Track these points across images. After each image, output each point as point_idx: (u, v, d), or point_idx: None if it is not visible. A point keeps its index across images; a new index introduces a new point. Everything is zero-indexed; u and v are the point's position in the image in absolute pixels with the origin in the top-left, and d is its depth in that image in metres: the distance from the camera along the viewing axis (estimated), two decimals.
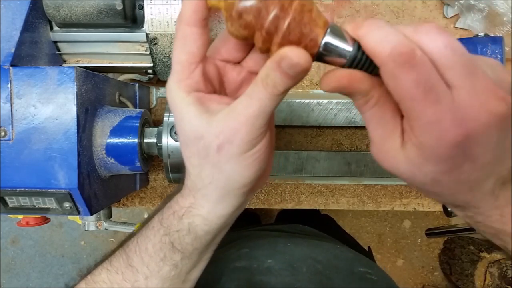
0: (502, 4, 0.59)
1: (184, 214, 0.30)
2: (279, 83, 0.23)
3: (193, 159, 0.28)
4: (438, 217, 1.69)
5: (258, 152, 0.26)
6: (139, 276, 0.32)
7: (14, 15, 0.44)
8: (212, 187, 0.28)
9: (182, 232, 0.30)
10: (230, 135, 0.25)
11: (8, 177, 0.41)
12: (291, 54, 0.22)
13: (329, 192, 0.67)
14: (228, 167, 0.26)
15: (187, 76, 0.26)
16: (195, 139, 0.26)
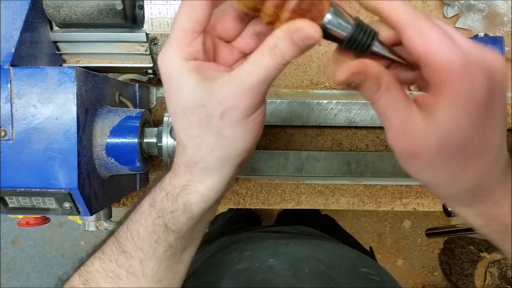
0: (502, 4, 0.59)
1: (179, 193, 0.30)
2: (288, 53, 0.24)
3: (192, 129, 0.27)
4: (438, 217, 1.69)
5: (258, 116, 0.27)
6: (133, 260, 0.32)
7: (14, 15, 0.44)
8: (212, 157, 0.27)
9: (176, 212, 0.30)
10: (235, 101, 0.25)
11: (8, 177, 0.41)
12: (306, 27, 0.23)
13: (329, 192, 0.67)
14: (231, 132, 0.26)
15: (188, 44, 0.26)
16: (196, 107, 0.26)
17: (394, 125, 0.25)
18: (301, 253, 0.46)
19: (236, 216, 1.28)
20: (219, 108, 0.25)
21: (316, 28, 0.23)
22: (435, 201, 0.68)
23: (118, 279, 0.33)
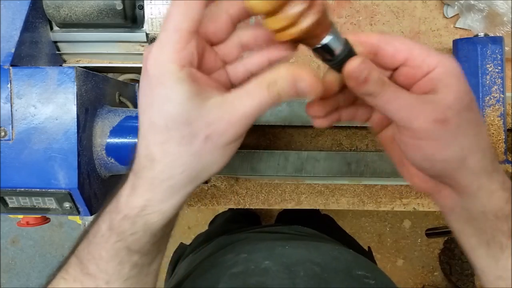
0: (502, 4, 0.59)
1: (138, 214, 0.28)
2: (284, 94, 0.24)
3: (170, 145, 0.25)
4: (438, 217, 1.69)
5: (237, 146, 0.27)
6: (99, 281, 0.30)
7: (14, 15, 0.44)
8: (181, 177, 0.26)
9: (137, 234, 0.28)
10: (223, 128, 0.25)
11: (8, 177, 0.41)
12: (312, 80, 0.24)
13: (329, 192, 0.67)
14: (209, 157, 0.26)
15: (184, 47, 0.24)
16: (182, 123, 0.24)
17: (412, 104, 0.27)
18: (296, 255, 0.46)
19: (235, 215, 1.28)
20: (205, 131, 0.24)
21: (319, 86, 0.25)
22: None
23: None
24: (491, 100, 0.57)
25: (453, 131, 0.27)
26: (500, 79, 0.57)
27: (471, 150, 0.28)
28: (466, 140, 0.28)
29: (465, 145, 0.28)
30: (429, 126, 0.27)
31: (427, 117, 0.26)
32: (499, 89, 0.57)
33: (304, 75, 0.24)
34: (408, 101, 0.27)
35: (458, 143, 0.28)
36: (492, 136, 0.57)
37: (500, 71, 0.57)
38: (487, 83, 0.57)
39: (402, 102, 0.27)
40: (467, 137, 0.28)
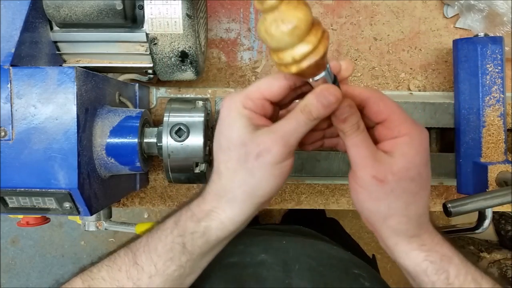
0: (502, 4, 0.59)
1: (204, 217, 0.33)
2: (315, 110, 0.30)
3: (231, 163, 0.31)
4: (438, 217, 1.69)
5: (285, 167, 0.31)
6: (143, 275, 0.34)
7: (14, 15, 0.44)
8: (240, 191, 0.32)
9: (196, 234, 0.33)
10: (269, 145, 0.30)
11: (8, 177, 0.41)
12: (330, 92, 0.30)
13: (329, 192, 0.67)
14: (260, 173, 0.31)
15: (253, 100, 0.32)
16: (240, 145, 0.31)
17: (367, 155, 0.31)
18: (293, 250, 0.47)
19: None
20: (256, 149, 0.30)
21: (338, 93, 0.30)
22: (435, 201, 0.68)
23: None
24: (491, 100, 0.57)
25: (386, 192, 0.31)
26: (500, 79, 0.57)
27: (396, 213, 0.32)
28: (394, 204, 0.32)
29: (392, 207, 0.32)
30: (368, 179, 0.31)
31: (370, 171, 0.31)
32: (499, 89, 0.57)
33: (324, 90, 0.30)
34: (365, 153, 0.31)
35: (386, 203, 0.32)
36: (492, 136, 0.57)
37: (500, 71, 0.57)
38: (487, 83, 0.57)
39: (361, 151, 0.31)
40: (397, 202, 0.32)
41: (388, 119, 0.32)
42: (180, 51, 0.51)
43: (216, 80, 0.67)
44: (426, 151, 0.32)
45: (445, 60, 0.67)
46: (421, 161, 0.31)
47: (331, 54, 0.67)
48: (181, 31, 0.49)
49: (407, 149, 0.31)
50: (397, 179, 0.31)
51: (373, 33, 0.67)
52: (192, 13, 0.49)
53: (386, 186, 0.31)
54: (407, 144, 0.31)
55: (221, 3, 0.67)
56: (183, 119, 0.50)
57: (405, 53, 0.67)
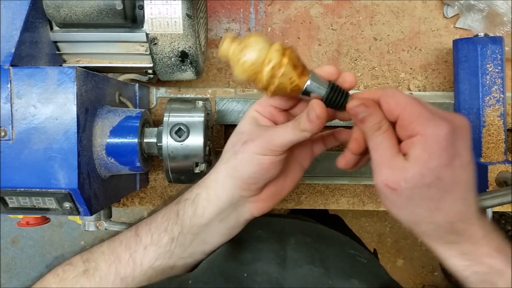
0: (502, 4, 0.59)
1: (196, 185, 0.38)
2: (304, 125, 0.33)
3: (228, 145, 0.37)
4: None
5: (263, 160, 0.34)
6: (140, 246, 0.37)
7: (14, 15, 0.44)
8: (224, 167, 0.36)
9: (188, 201, 0.37)
10: (255, 137, 0.34)
11: (8, 177, 0.41)
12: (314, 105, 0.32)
13: (329, 192, 0.67)
14: (241, 157, 0.35)
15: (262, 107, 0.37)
16: (238, 133, 0.36)
17: (381, 161, 0.31)
18: (289, 227, 0.47)
19: None
20: (246, 137, 0.35)
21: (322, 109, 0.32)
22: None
23: (118, 262, 0.36)
24: (491, 100, 0.57)
25: (403, 201, 0.30)
26: (500, 79, 0.57)
27: (422, 220, 0.31)
28: (416, 211, 0.31)
29: (415, 214, 0.31)
30: (381, 187, 0.31)
31: (382, 179, 0.30)
32: (499, 89, 0.57)
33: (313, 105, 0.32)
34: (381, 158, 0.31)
35: (408, 210, 0.31)
36: (492, 136, 0.57)
37: (500, 71, 0.57)
38: (487, 83, 0.57)
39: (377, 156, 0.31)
40: (418, 210, 0.30)
41: (400, 116, 0.30)
42: (180, 51, 0.51)
43: (216, 80, 0.67)
44: (446, 150, 0.28)
45: (445, 60, 0.67)
46: (438, 164, 0.28)
47: (331, 54, 0.67)
48: (181, 31, 0.49)
49: (420, 151, 0.29)
50: (411, 186, 0.29)
51: (373, 33, 0.67)
52: (192, 13, 0.49)
53: (401, 195, 0.29)
54: (420, 145, 0.29)
55: (221, 3, 0.67)
56: (183, 119, 0.50)
57: (405, 53, 0.67)
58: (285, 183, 0.39)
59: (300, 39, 0.67)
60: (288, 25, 0.67)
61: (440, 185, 0.29)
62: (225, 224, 0.38)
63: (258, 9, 0.67)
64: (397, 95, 0.31)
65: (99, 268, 0.37)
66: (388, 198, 0.31)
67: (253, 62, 0.31)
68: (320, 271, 0.37)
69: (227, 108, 0.61)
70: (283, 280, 0.36)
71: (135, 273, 0.36)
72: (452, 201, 0.30)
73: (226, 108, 0.61)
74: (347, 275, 0.37)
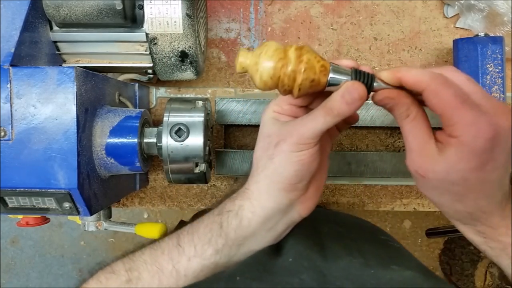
0: (502, 4, 0.59)
1: (238, 196, 0.37)
2: (337, 107, 0.31)
3: (259, 151, 0.36)
4: (438, 217, 1.69)
5: (302, 156, 0.33)
6: (183, 257, 0.36)
7: (14, 15, 0.44)
8: (263, 175, 0.35)
9: (231, 213, 0.36)
10: (286, 135, 0.34)
11: (8, 177, 0.41)
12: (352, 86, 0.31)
13: (329, 192, 0.67)
14: (278, 159, 0.34)
15: (280, 107, 0.36)
16: (266, 137, 0.36)
17: (412, 148, 0.31)
18: (318, 217, 0.46)
19: None
20: (276, 139, 0.34)
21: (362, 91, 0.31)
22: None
23: (161, 273, 0.36)
24: None
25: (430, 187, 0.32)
26: (501, 79, 0.57)
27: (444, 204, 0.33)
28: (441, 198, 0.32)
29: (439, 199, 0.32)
30: (412, 171, 0.31)
31: (413, 164, 0.31)
32: (500, 89, 0.57)
33: (348, 85, 0.31)
34: (413, 145, 0.31)
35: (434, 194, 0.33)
36: None
37: (500, 71, 0.57)
38: (487, 83, 0.57)
39: (409, 142, 0.31)
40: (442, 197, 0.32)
41: (443, 115, 0.29)
42: (180, 51, 0.51)
43: (216, 80, 0.67)
44: (480, 157, 0.28)
45: (446, 60, 0.67)
46: (467, 167, 0.29)
47: (331, 54, 0.67)
48: (181, 31, 0.49)
49: (452, 153, 0.29)
50: (438, 178, 0.30)
51: (373, 33, 0.67)
52: (192, 13, 0.49)
53: (429, 182, 0.31)
54: (455, 147, 0.29)
55: (221, 3, 0.67)
56: (183, 119, 0.50)
57: (406, 53, 0.67)
58: (322, 173, 0.39)
59: (300, 39, 0.67)
60: (288, 25, 0.67)
61: (465, 184, 0.30)
62: (273, 232, 0.37)
63: (258, 9, 0.67)
64: (443, 91, 0.29)
65: (142, 278, 0.36)
66: (418, 180, 0.32)
67: (272, 73, 0.31)
68: (360, 261, 0.36)
69: (227, 108, 0.61)
70: (327, 271, 0.35)
71: (179, 283, 0.36)
72: (475, 198, 0.31)
73: (226, 108, 0.61)
74: (385, 263, 0.37)
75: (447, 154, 0.29)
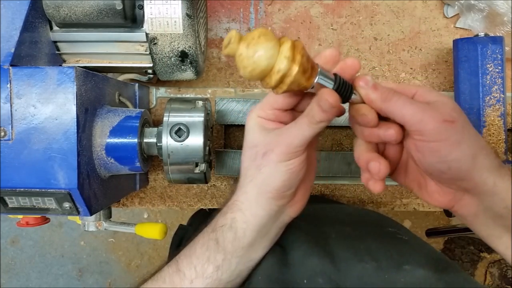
0: (502, 4, 0.59)
1: (228, 209, 0.36)
2: (318, 115, 0.31)
3: (246, 161, 0.36)
4: (438, 217, 1.69)
5: (291, 165, 0.33)
6: (185, 280, 0.36)
7: (14, 15, 0.44)
8: (251, 185, 0.35)
9: (225, 227, 0.36)
10: (274, 145, 0.33)
11: (8, 177, 0.41)
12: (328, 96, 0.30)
13: (329, 192, 0.67)
14: (266, 170, 0.34)
15: (264, 111, 0.36)
16: (252, 147, 0.35)
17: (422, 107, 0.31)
18: (324, 217, 0.46)
19: None
20: (263, 149, 0.34)
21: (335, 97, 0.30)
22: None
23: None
24: (491, 100, 0.57)
25: (460, 131, 0.31)
26: (501, 79, 0.57)
27: (477, 148, 0.31)
28: (471, 139, 0.31)
29: (471, 143, 0.31)
30: (440, 126, 0.30)
31: (438, 118, 0.30)
32: (499, 89, 0.57)
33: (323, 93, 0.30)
34: (420, 106, 0.31)
35: (465, 141, 0.31)
36: (492, 136, 0.57)
37: (500, 71, 0.57)
38: (487, 83, 0.57)
39: (415, 107, 0.31)
40: (471, 137, 0.31)
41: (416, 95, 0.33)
42: (180, 51, 0.51)
43: (216, 80, 0.67)
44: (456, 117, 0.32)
45: (445, 60, 0.67)
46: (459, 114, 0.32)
47: None
48: (181, 31, 0.49)
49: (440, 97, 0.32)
50: (459, 114, 0.31)
51: (373, 33, 0.67)
52: (192, 13, 0.49)
53: (458, 125, 0.31)
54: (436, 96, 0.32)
55: (221, 3, 0.67)
56: (183, 119, 0.50)
57: (405, 53, 0.67)
58: (311, 176, 0.39)
59: (300, 39, 0.67)
60: (288, 25, 0.67)
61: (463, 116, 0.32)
62: (268, 237, 0.38)
63: (258, 8, 0.67)
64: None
65: None
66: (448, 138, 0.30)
67: (261, 70, 0.30)
68: (372, 265, 0.37)
69: (227, 108, 0.61)
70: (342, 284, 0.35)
71: None
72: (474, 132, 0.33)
73: (226, 108, 0.61)
74: (397, 263, 0.37)
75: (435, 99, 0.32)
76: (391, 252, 0.39)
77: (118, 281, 1.73)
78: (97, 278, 1.73)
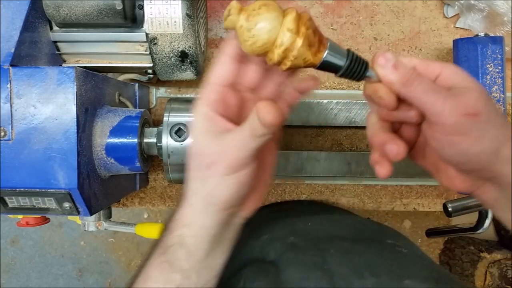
0: (502, 4, 0.59)
1: (174, 228, 0.33)
2: (258, 127, 0.28)
3: (191, 171, 0.32)
4: (438, 217, 1.69)
5: (237, 179, 0.30)
6: None
7: (14, 15, 0.44)
8: (196, 198, 0.32)
9: (175, 246, 0.32)
10: (219, 157, 0.30)
11: (8, 177, 0.41)
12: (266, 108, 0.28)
13: (329, 192, 0.67)
14: (212, 182, 0.31)
15: (208, 95, 0.31)
16: (197, 154, 0.31)
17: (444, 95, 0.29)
18: (322, 232, 0.45)
19: None
20: (208, 159, 0.30)
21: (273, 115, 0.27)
22: (435, 201, 0.68)
23: None
24: None
25: (483, 125, 0.29)
26: (501, 79, 0.57)
27: (501, 140, 0.29)
28: (495, 131, 0.29)
29: (494, 136, 0.29)
30: (461, 120, 0.28)
31: (458, 111, 0.28)
32: (500, 89, 0.57)
33: (261, 106, 0.28)
34: (441, 95, 0.28)
35: (488, 135, 0.29)
36: None
37: (500, 71, 0.57)
38: (487, 83, 0.57)
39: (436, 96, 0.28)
40: (496, 128, 0.29)
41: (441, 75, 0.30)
42: (180, 51, 0.51)
43: None
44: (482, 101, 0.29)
45: (446, 60, 0.67)
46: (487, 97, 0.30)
47: None
48: (181, 31, 0.49)
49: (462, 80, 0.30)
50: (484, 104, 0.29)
51: (373, 33, 0.67)
52: (192, 13, 0.49)
53: (481, 118, 0.28)
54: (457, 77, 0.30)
55: (221, 3, 0.66)
56: (183, 119, 0.50)
57: (406, 53, 0.67)
58: (265, 179, 0.35)
59: None
60: None
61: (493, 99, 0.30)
62: (223, 242, 0.35)
63: None
64: None
65: None
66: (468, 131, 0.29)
67: (263, 44, 0.27)
68: (372, 281, 0.35)
69: None
70: None
71: None
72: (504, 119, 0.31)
73: None
74: (398, 277, 0.36)
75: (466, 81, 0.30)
76: (392, 267, 0.38)
77: (118, 281, 1.73)
78: (97, 278, 1.73)
